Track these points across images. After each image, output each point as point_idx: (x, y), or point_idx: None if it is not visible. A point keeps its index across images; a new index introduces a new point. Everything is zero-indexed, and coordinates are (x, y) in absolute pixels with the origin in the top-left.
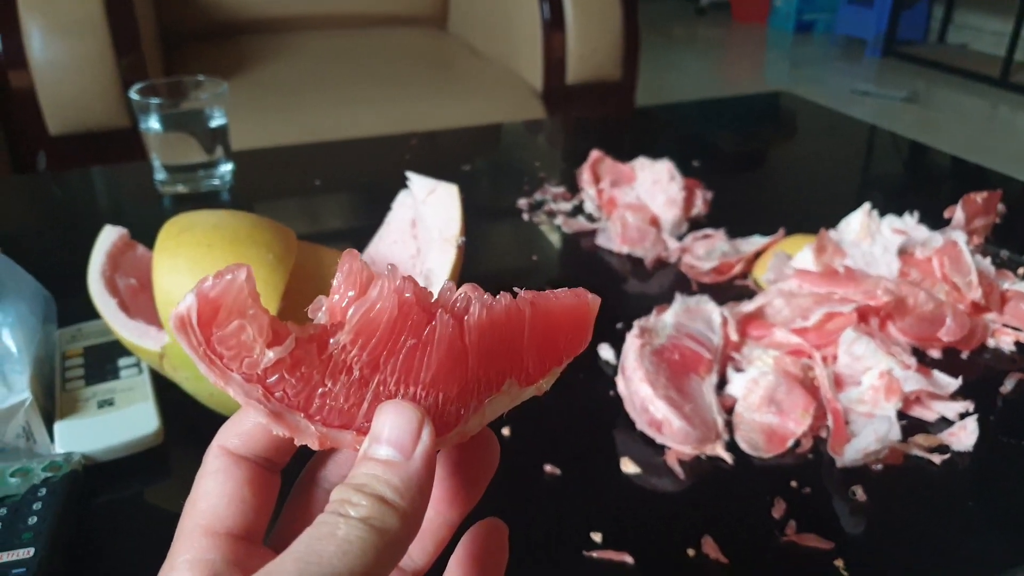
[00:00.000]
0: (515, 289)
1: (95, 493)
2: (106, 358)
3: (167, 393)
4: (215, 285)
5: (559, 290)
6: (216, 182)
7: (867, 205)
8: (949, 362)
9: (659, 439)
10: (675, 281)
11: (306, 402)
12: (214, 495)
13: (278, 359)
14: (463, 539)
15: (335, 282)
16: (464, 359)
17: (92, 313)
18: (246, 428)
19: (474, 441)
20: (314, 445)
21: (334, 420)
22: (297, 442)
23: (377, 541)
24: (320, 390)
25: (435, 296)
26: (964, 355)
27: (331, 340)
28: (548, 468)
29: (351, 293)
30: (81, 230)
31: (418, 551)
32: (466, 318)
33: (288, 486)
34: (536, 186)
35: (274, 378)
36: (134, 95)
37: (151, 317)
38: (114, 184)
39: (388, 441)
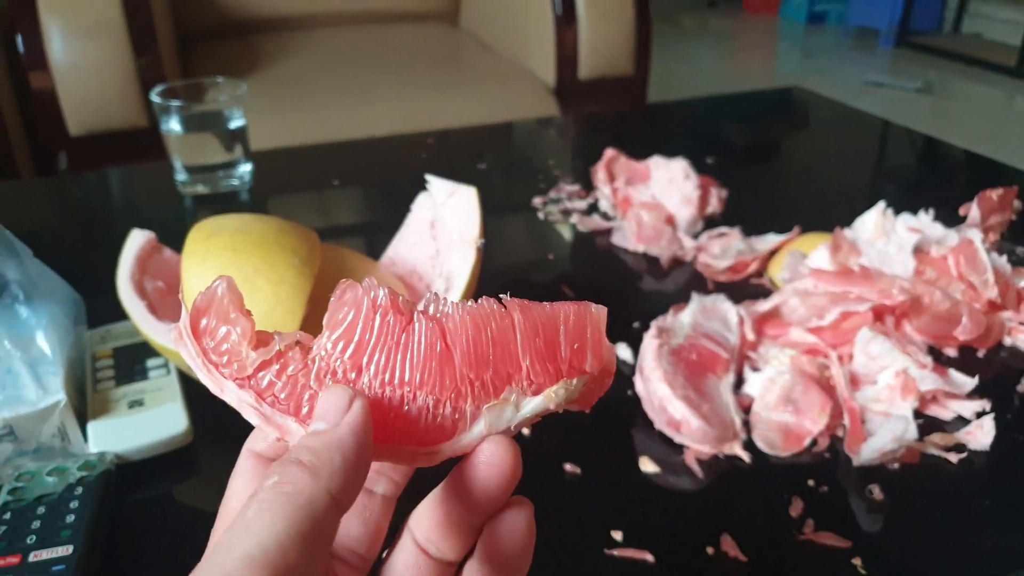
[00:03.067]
0: (500, 296)
1: (126, 491)
2: (135, 359)
3: (194, 393)
4: (202, 297)
5: (558, 302)
6: (235, 182)
7: (882, 204)
8: (965, 361)
9: (677, 438)
10: (691, 279)
11: (295, 406)
12: (244, 493)
13: (263, 360)
14: (488, 523)
15: (330, 305)
16: (449, 361)
17: (119, 314)
18: None
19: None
20: None
21: None
22: (290, 445)
23: (286, 505)
24: (307, 393)
25: (420, 306)
26: (980, 354)
27: (315, 344)
28: (568, 467)
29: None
30: (105, 231)
31: (448, 548)
32: (445, 320)
33: None
34: (551, 184)
35: (264, 383)
36: (155, 98)
37: (178, 319)
38: (136, 185)
39: (318, 416)
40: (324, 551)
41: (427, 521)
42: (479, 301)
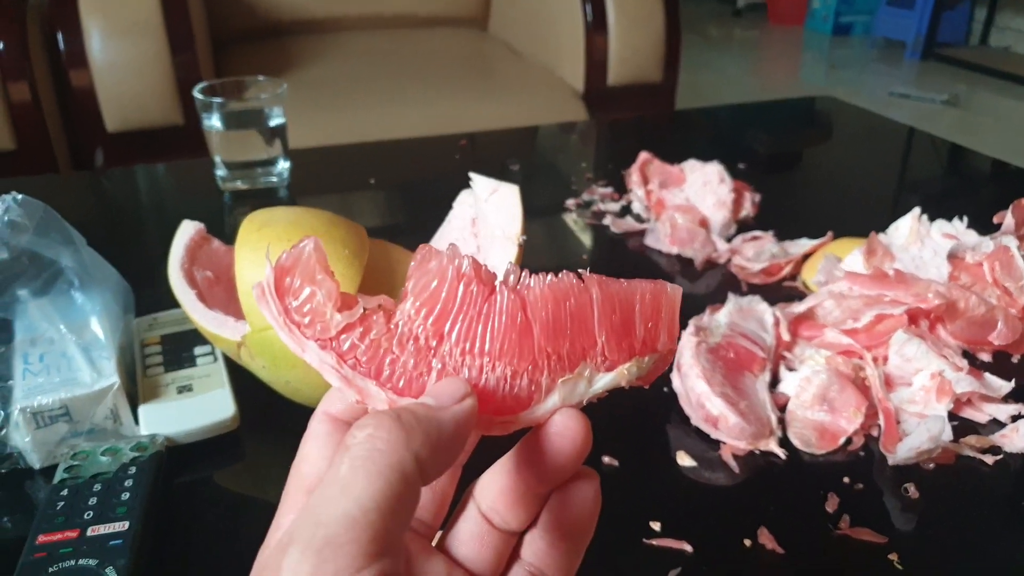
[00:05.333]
0: (580, 271)
1: (175, 473)
2: (182, 346)
3: (241, 381)
4: (288, 256)
5: (635, 279)
6: (274, 179)
7: (917, 210)
8: (999, 365)
9: (714, 434)
10: (724, 281)
11: (377, 369)
12: (315, 458)
13: (347, 323)
14: (556, 492)
15: (410, 270)
16: (529, 332)
17: (164, 303)
18: None
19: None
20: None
21: (404, 388)
22: (370, 408)
23: (379, 463)
24: (389, 358)
25: (500, 276)
26: (1015, 359)
27: (398, 310)
28: (606, 459)
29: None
30: (147, 224)
31: (512, 517)
32: (527, 293)
33: None
34: (584, 186)
35: (347, 345)
36: (198, 94)
37: (227, 308)
38: (176, 180)
39: (430, 393)
40: (411, 516)
41: (493, 490)
42: (559, 275)
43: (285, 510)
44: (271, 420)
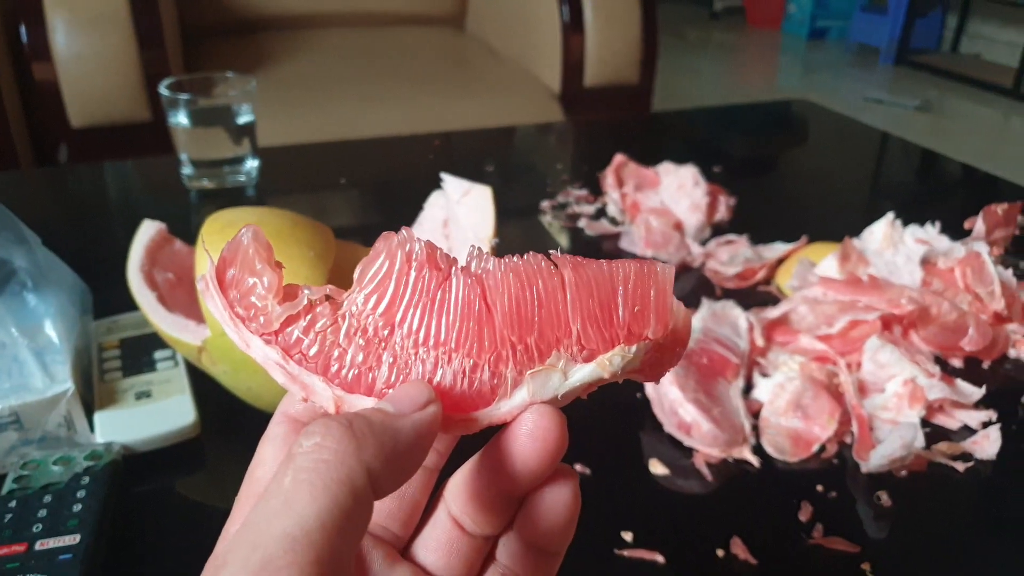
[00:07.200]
0: (551, 252)
1: (132, 483)
2: (142, 350)
3: (202, 386)
4: (228, 248)
5: (618, 260)
6: (242, 178)
7: (890, 215)
8: (971, 372)
9: (687, 442)
10: (698, 286)
11: (324, 364)
12: (271, 461)
13: (289, 315)
14: (530, 496)
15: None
16: (489, 320)
17: (125, 305)
18: None
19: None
20: (330, 408)
21: (353, 384)
22: (317, 408)
23: (325, 476)
24: (336, 351)
25: (461, 261)
26: (986, 365)
27: (345, 300)
28: (578, 467)
29: None
30: (109, 223)
31: (484, 522)
32: (486, 277)
33: None
34: (559, 188)
35: (292, 338)
36: (164, 90)
37: (188, 311)
38: (141, 178)
39: (390, 399)
40: (362, 534)
41: (463, 494)
42: (526, 257)
43: (236, 517)
44: (233, 427)
